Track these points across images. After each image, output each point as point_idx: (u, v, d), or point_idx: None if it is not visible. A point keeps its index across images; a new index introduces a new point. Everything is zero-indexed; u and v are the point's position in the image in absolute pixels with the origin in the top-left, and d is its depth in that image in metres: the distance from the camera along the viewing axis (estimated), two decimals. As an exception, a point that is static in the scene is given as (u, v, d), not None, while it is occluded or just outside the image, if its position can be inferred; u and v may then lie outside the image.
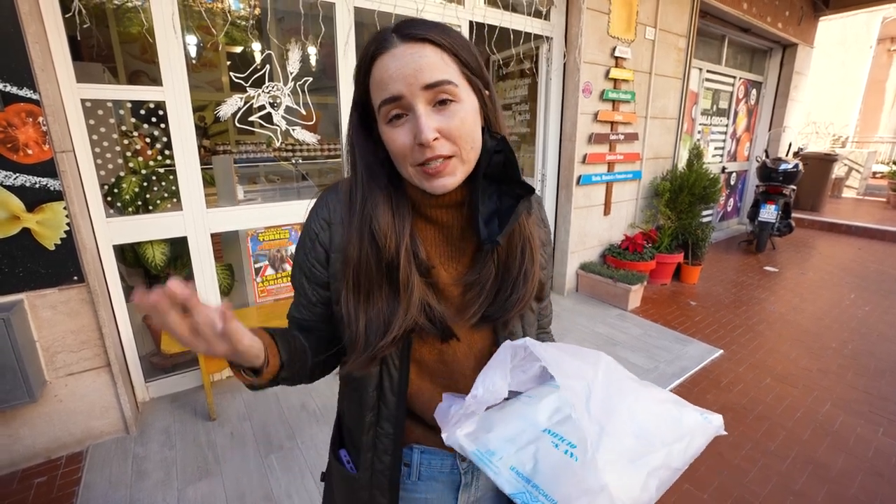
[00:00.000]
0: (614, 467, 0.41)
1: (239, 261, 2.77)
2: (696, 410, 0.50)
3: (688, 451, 0.46)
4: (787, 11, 5.51)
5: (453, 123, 0.55)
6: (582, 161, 3.63)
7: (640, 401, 0.49)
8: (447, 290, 0.66)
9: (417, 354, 0.66)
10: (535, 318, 0.75)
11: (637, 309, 3.57)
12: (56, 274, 1.80)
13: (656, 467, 0.43)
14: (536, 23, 3.32)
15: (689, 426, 0.47)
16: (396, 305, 0.60)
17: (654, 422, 0.47)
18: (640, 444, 0.44)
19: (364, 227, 0.61)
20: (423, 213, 0.65)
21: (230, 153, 4.25)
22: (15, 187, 1.68)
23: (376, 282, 0.61)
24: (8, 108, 1.63)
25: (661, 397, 0.51)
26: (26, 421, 1.85)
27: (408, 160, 0.56)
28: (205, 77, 4.64)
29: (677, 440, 0.45)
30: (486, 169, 0.60)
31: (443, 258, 0.67)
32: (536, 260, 0.67)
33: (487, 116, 0.61)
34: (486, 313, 0.65)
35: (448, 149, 0.55)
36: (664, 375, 2.59)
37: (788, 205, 5.15)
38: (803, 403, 2.37)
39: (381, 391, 0.66)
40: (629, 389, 0.50)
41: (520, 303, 0.65)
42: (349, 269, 0.62)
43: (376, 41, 0.56)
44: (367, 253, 0.61)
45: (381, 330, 0.60)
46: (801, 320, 3.40)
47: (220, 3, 3.23)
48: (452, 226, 0.65)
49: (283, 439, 2.08)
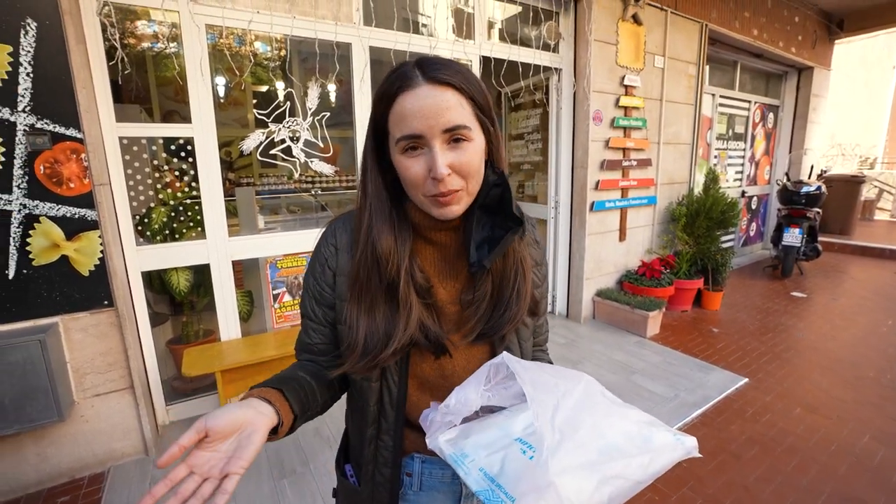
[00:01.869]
0: (568, 470, 0.44)
1: (258, 287, 2.87)
2: (668, 431, 0.53)
3: (650, 467, 0.48)
4: (800, 36, 5.54)
5: (464, 160, 0.60)
6: (595, 187, 3.66)
7: (610, 417, 0.52)
8: (445, 308, 0.70)
9: (418, 370, 0.70)
10: (531, 334, 0.78)
11: (656, 336, 3.49)
12: (88, 298, 1.92)
13: (612, 476, 0.46)
14: (545, 55, 3.44)
15: (655, 444, 0.50)
16: (396, 321, 0.65)
17: (621, 438, 0.50)
18: (601, 454, 0.47)
19: (368, 248, 0.66)
20: (423, 234, 0.70)
21: (253, 185, 4.45)
22: (57, 217, 1.82)
23: (377, 298, 0.66)
24: (55, 147, 1.79)
25: (636, 418, 0.54)
26: (54, 440, 1.93)
27: (420, 189, 0.61)
28: (231, 115, 4.92)
29: (640, 455, 0.48)
30: (484, 199, 0.65)
31: (440, 276, 0.71)
32: (528, 279, 0.71)
33: (491, 152, 0.66)
34: (483, 330, 0.69)
35: (458, 183, 0.60)
36: (685, 404, 2.51)
37: (814, 228, 5.02)
38: (838, 436, 2.25)
39: (382, 405, 0.70)
40: (601, 407, 0.54)
41: (514, 319, 0.69)
42: (354, 283, 0.67)
43: (401, 77, 0.59)
44: (369, 271, 0.66)
45: (381, 341, 0.64)
46: (834, 348, 3.26)
47: (249, 47, 3.47)
48: (450, 246, 0.71)
49: (296, 464, 2.09)
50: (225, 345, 2.46)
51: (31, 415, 1.75)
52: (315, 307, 0.74)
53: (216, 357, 2.29)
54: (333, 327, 0.74)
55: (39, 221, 1.79)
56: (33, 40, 1.70)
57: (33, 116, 1.74)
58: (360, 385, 0.72)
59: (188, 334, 2.76)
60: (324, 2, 2.49)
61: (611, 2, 3.47)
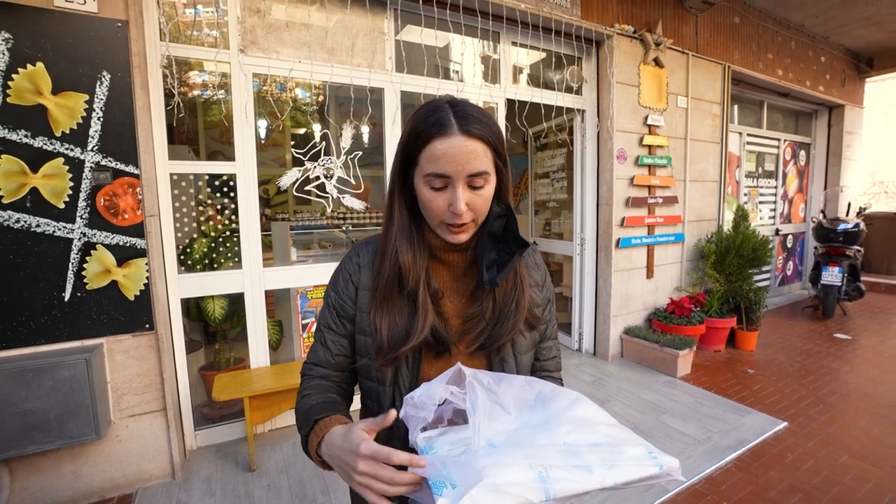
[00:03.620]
0: (505, 463, 0.50)
1: (288, 317, 2.97)
2: (644, 447, 0.57)
3: (618, 476, 0.53)
4: (828, 75, 5.52)
5: (479, 202, 0.71)
6: (620, 224, 3.66)
7: (580, 429, 0.58)
8: (451, 320, 0.78)
9: (426, 377, 0.77)
10: (528, 347, 0.83)
11: (687, 376, 3.36)
12: (132, 322, 2.04)
13: (559, 475, 0.51)
14: (569, 97, 3.57)
15: (624, 456, 0.54)
16: (415, 322, 0.73)
17: (585, 446, 0.55)
18: (558, 454, 0.53)
19: (392, 259, 0.75)
20: (436, 255, 0.79)
21: (288, 220, 4.66)
22: (111, 245, 1.98)
23: (399, 302, 0.75)
24: (115, 182, 1.98)
25: (613, 433, 0.59)
26: (89, 458, 2.01)
27: (437, 218, 0.71)
28: (270, 155, 5.24)
29: (602, 464, 0.53)
30: (490, 227, 0.75)
31: (449, 292, 0.80)
32: (526, 293, 0.80)
33: (499, 189, 0.76)
34: (483, 342, 0.77)
35: (470, 217, 0.71)
36: (718, 447, 2.38)
37: (855, 267, 4.81)
38: (892, 487, 2.08)
39: (396, 409, 0.75)
40: (575, 419, 0.60)
41: (511, 330, 0.77)
42: (378, 289, 0.76)
43: (438, 124, 0.67)
44: (392, 280, 0.75)
45: (402, 338, 0.73)
46: (884, 393, 3.05)
47: (290, 93, 3.76)
48: (459, 266, 0.80)
49: (318, 493, 2.09)
50: (254, 372, 2.54)
51: (72, 431, 1.85)
52: (336, 319, 0.81)
53: (245, 383, 2.36)
54: (352, 338, 0.81)
55: (96, 248, 1.96)
56: (106, 90, 1.93)
57: (99, 155, 1.94)
58: (376, 391, 0.78)
59: (220, 361, 2.86)
60: (359, 51, 2.71)
61: (632, 47, 3.61)
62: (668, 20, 3.83)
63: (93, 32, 1.90)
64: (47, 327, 1.89)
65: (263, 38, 2.44)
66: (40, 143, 1.84)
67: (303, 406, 0.75)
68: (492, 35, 3.19)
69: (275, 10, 2.47)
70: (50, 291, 1.89)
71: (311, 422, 0.69)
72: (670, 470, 0.55)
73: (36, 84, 1.82)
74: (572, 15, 3.25)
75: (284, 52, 2.51)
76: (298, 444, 2.50)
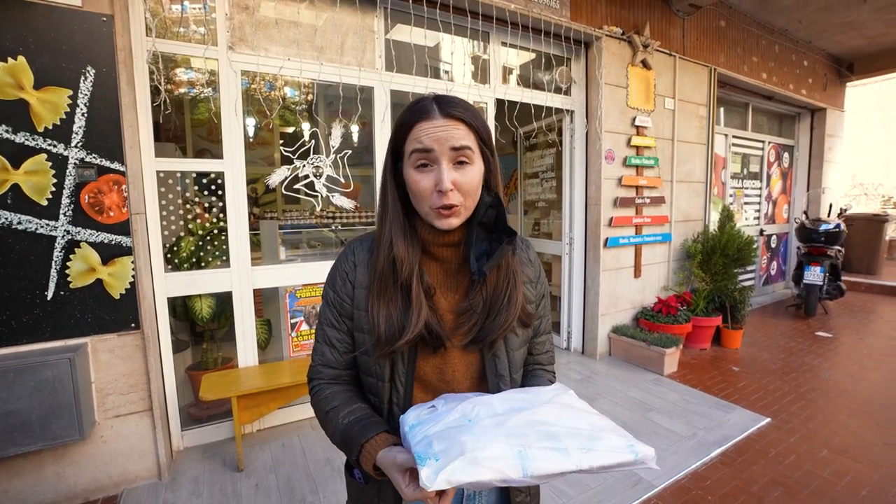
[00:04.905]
0: (486, 441, 0.54)
1: (277, 316, 2.94)
2: (623, 438, 0.59)
3: (594, 460, 0.55)
4: (810, 79, 5.65)
5: (465, 180, 0.71)
6: (608, 224, 3.70)
7: (563, 416, 0.61)
8: (444, 315, 0.78)
9: (421, 373, 0.78)
10: (521, 344, 0.84)
11: (674, 374, 3.41)
12: (117, 321, 2.01)
13: (536, 453, 0.54)
14: (558, 98, 3.60)
15: (602, 444, 0.57)
16: (410, 316, 0.73)
17: (564, 430, 0.58)
18: (538, 437, 0.56)
19: (387, 252, 0.75)
20: (429, 250, 0.79)
21: (276, 219, 4.62)
22: (96, 243, 1.95)
23: (394, 296, 0.75)
24: (101, 178, 1.94)
25: (596, 421, 0.62)
26: (73, 460, 1.97)
27: (426, 202, 0.71)
28: (258, 153, 5.19)
29: (580, 448, 0.56)
30: (481, 218, 0.76)
31: (442, 288, 0.80)
32: (519, 289, 0.79)
33: (488, 178, 0.77)
34: (476, 336, 0.77)
35: (457, 199, 0.71)
36: (703, 443, 2.42)
37: (836, 267, 4.92)
38: (869, 480, 2.14)
39: (391, 405, 0.78)
40: (557, 407, 0.64)
41: (504, 325, 0.77)
42: (374, 283, 0.77)
43: (420, 111, 0.71)
44: (388, 273, 0.76)
45: (397, 332, 0.73)
46: (863, 389, 3.13)
47: (278, 92, 3.72)
48: (451, 261, 0.80)
49: (307, 493, 2.08)
50: (242, 371, 2.51)
51: (55, 432, 1.81)
52: (338, 317, 0.82)
53: (233, 382, 2.34)
54: (352, 335, 0.82)
55: (80, 246, 1.92)
56: (91, 85, 1.90)
57: (84, 151, 1.91)
58: (376, 386, 0.79)
59: (207, 361, 2.83)
60: (349, 49, 2.70)
61: (620, 49, 3.65)
62: (655, 23, 3.88)
63: (77, 26, 1.86)
64: (29, 326, 1.86)
65: (252, 36, 2.43)
66: (22, 139, 1.81)
67: (336, 424, 0.75)
68: (482, 35, 3.21)
69: (263, 7, 2.46)
70: (32, 290, 1.85)
71: (358, 447, 0.70)
72: (645, 458, 0.57)
73: (17, 78, 1.78)
74: (561, 16, 3.28)
75: (273, 49, 2.49)
76: (287, 444, 2.49)
